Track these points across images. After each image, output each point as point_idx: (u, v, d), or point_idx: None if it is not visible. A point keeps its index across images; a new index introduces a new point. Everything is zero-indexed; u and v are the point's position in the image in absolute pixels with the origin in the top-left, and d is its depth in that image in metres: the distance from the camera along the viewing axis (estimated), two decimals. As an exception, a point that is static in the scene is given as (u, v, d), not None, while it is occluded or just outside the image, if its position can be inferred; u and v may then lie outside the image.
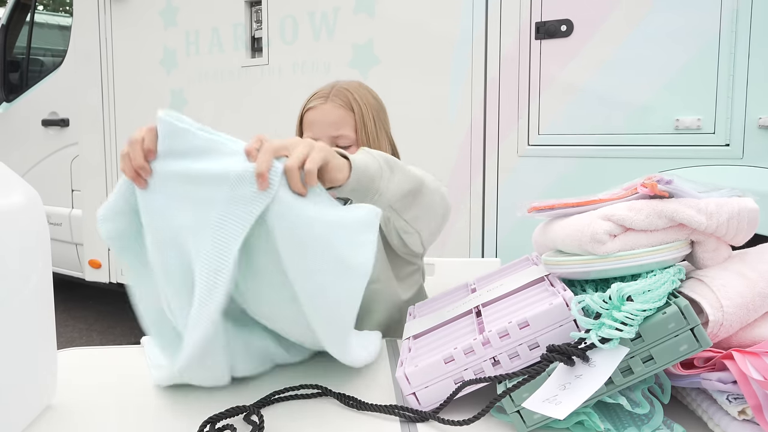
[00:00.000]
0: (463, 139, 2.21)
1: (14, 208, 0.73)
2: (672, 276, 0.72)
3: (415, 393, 0.78)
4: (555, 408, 0.65)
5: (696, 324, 0.66)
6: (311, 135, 1.23)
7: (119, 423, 0.80)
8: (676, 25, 1.85)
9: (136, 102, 3.17)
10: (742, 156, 1.81)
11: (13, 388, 0.73)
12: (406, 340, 0.92)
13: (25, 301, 0.74)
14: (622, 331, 0.66)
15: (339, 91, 1.25)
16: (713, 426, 0.70)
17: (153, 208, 0.77)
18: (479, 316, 0.87)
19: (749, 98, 1.78)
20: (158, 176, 0.76)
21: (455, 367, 0.77)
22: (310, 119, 1.24)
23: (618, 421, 0.71)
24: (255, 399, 0.83)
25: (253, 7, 2.72)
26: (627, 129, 1.95)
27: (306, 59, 2.55)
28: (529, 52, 2.06)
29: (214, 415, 0.78)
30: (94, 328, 3.70)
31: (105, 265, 3.39)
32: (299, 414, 0.82)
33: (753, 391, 0.64)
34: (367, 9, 2.36)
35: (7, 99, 3.95)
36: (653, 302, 0.67)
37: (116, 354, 1.11)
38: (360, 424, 0.78)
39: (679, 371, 0.70)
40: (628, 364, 0.67)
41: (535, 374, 0.69)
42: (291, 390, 0.87)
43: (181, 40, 2.94)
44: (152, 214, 0.77)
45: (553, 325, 0.74)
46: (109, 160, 3.31)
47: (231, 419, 0.78)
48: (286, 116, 2.66)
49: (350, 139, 1.23)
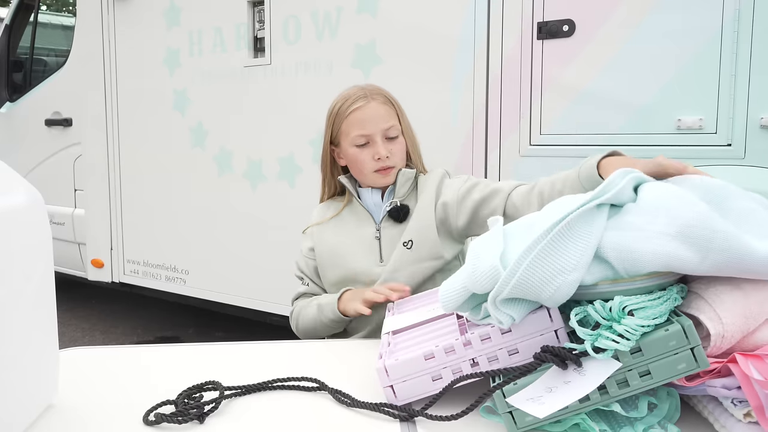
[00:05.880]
0: (465, 139, 2.21)
1: (16, 208, 0.74)
2: (675, 293, 0.72)
3: (392, 386, 0.81)
4: (537, 407, 0.66)
5: (697, 344, 0.66)
6: (363, 132, 1.32)
7: (120, 422, 0.81)
8: (678, 24, 1.84)
9: (139, 102, 3.18)
10: (743, 156, 1.80)
11: (15, 387, 0.73)
12: (386, 334, 0.95)
13: (28, 300, 0.75)
14: (619, 344, 0.66)
15: (374, 89, 1.37)
16: (719, 427, 0.70)
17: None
18: (460, 318, 0.89)
19: (751, 98, 1.78)
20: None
21: (435, 365, 0.80)
22: (361, 117, 1.33)
23: (614, 422, 0.72)
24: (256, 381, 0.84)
25: (255, 7, 2.72)
26: (629, 129, 1.95)
27: (308, 59, 2.56)
28: (531, 52, 2.06)
29: (195, 386, 0.82)
30: (97, 328, 3.71)
31: (107, 265, 3.40)
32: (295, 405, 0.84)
33: (755, 392, 0.64)
34: (370, 9, 2.37)
35: (10, 99, 3.96)
36: (653, 318, 0.67)
37: (118, 353, 1.12)
38: (359, 421, 0.80)
39: (684, 384, 0.70)
40: (625, 377, 0.68)
41: (526, 372, 0.70)
42: (293, 380, 0.90)
43: (184, 40, 2.94)
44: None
45: (533, 333, 0.77)
46: (112, 159, 3.32)
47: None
48: (288, 116, 2.68)
49: (398, 129, 1.36)
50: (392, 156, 1.33)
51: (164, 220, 3.16)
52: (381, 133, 1.32)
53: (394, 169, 1.34)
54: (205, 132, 2.94)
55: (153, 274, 3.24)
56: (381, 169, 1.33)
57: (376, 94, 1.35)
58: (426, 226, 1.31)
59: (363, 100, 1.33)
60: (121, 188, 3.32)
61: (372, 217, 1.36)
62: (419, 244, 1.31)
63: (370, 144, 1.33)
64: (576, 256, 0.70)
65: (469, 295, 0.79)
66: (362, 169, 1.34)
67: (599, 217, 0.73)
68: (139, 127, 3.21)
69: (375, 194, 1.37)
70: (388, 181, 1.35)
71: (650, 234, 0.71)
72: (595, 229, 0.72)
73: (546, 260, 0.70)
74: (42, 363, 0.80)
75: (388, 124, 1.33)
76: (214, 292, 3.01)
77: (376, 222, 1.36)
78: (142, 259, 3.28)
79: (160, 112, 3.09)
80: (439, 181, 1.36)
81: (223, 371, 0.95)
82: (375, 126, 1.32)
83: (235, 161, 2.86)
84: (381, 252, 1.33)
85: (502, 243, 0.77)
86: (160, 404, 0.83)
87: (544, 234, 0.70)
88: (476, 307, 0.81)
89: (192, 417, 0.79)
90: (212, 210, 2.97)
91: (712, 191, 0.76)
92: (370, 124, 1.32)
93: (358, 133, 1.32)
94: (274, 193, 2.74)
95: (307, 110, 2.54)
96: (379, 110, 1.33)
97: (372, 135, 1.32)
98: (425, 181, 1.38)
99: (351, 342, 1.28)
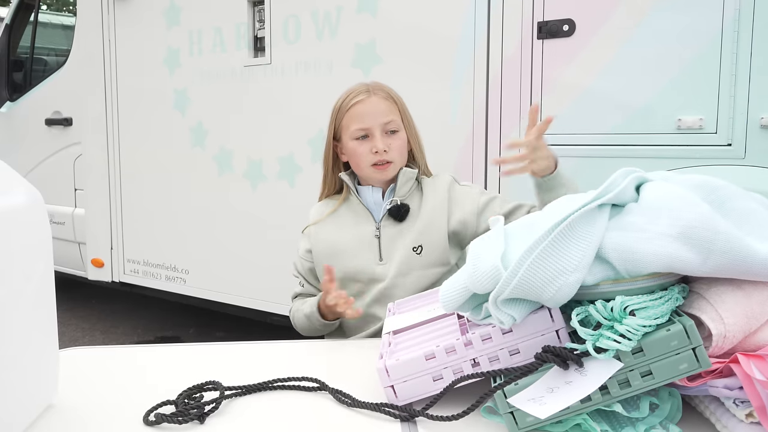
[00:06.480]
0: (465, 139, 2.21)
1: (16, 208, 0.74)
2: (676, 293, 0.72)
3: (393, 386, 0.81)
4: (538, 408, 0.66)
5: (698, 344, 0.66)
6: (362, 125, 1.33)
7: (121, 422, 0.80)
8: (678, 24, 1.84)
9: (140, 102, 3.17)
10: (744, 156, 1.80)
11: (15, 386, 0.73)
12: (386, 334, 0.95)
13: (28, 299, 0.75)
14: (620, 344, 0.66)
15: (377, 86, 1.38)
16: (721, 428, 0.70)
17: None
18: (461, 318, 0.89)
19: (751, 98, 1.78)
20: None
21: (436, 365, 0.80)
22: (360, 111, 1.34)
23: (616, 422, 0.71)
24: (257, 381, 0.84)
25: (255, 7, 2.72)
26: (629, 129, 1.94)
27: (308, 59, 2.55)
28: (531, 52, 2.05)
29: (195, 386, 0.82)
30: (97, 328, 3.71)
31: (107, 264, 3.40)
32: (296, 405, 0.83)
33: (757, 392, 0.64)
34: (370, 9, 2.36)
35: (10, 98, 3.96)
36: (655, 319, 0.67)
37: (118, 353, 1.12)
38: (360, 421, 0.80)
39: (686, 384, 0.70)
40: (627, 377, 0.68)
41: (527, 372, 0.70)
42: (293, 380, 0.90)
43: (184, 40, 2.94)
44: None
45: (534, 333, 0.77)
46: (112, 159, 3.32)
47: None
48: (288, 115, 2.68)
49: (398, 124, 1.36)
50: (390, 151, 1.33)
51: (164, 220, 3.16)
52: (380, 127, 1.33)
53: (391, 165, 1.34)
54: (205, 131, 2.94)
55: (153, 274, 3.24)
56: (378, 164, 1.33)
57: (378, 89, 1.37)
58: (437, 233, 1.32)
59: (364, 95, 1.35)
60: (122, 188, 3.32)
61: (371, 215, 1.36)
62: (429, 251, 1.32)
63: (369, 138, 1.33)
64: (577, 257, 0.70)
65: (470, 295, 0.79)
66: (359, 163, 1.34)
67: (601, 217, 0.73)
68: (139, 127, 3.21)
69: (376, 192, 1.37)
70: (384, 176, 1.35)
71: (652, 235, 0.71)
72: (596, 230, 0.72)
73: (547, 261, 0.70)
74: (42, 363, 0.80)
75: (388, 119, 1.34)
76: (214, 291, 3.01)
77: (375, 220, 1.36)
78: (143, 258, 3.28)
79: (160, 112, 3.09)
80: (449, 187, 1.37)
81: (224, 371, 0.95)
82: (374, 120, 1.33)
83: (235, 161, 2.86)
84: (381, 250, 1.33)
85: (504, 243, 0.77)
86: (160, 404, 0.83)
87: (546, 234, 0.70)
88: (477, 307, 0.80)
89: (192, 417, 0.79)
90: (212, 210, 2.97)
91: (714, 192, 0.76)
92: (369, 117, 1.33)
93: (357, 126, 1.33)
94: (274, 192, 2.73)
95: (307, 110, 2.54)
96: (379, 105, 1.34)
97: (371, 128, 1.32)
98: (432, 184, 1.38)
99: (351, 342, 1.28)
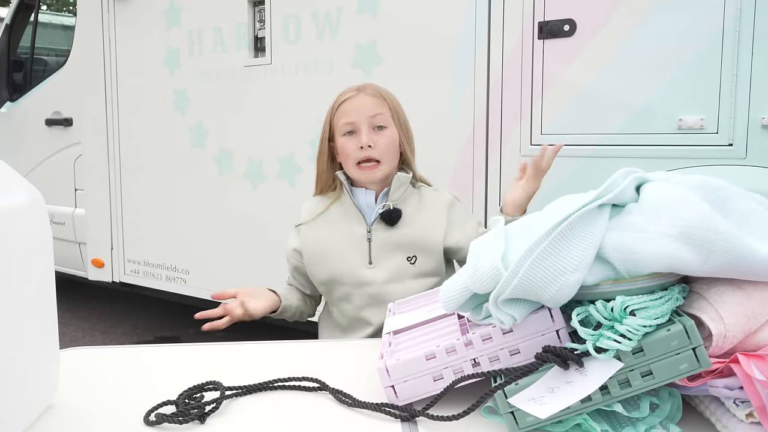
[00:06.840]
0: (466, 139, 2.21)
1: (16, 208, 0.74)
2: (677, 293, 0.72)
3: (393, 386, 0.81)
4: (539, 408, 0.66)
5: (699, 344, 0.66)
6: (349, 121, 1.33)
7: (121, 422, 0.80)
8: (679, 24, 1.84)
9: (140, 102, 3.17)
10: (745, 156, 1.80)
11: (15, 387, 0.73)
12: (387, 334, 0.95)
13: (28, 300, 0.75)
14: (621, 344, 0.66)
15: (368, 84, 1.39)
16: (721, 428, 0.70)
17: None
18: (461, 318, 0.89)
19: (752, 98, 1.78)
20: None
21: (436, 365, 0.80)
22: (347, 108, 1.35)
23: (616, 422, 0.71)
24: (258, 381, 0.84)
25: (256, 7, 2.72)
26: (630, 129, 1.94)
27: (309, 59, 2.55)
28: (532, 52, 2.05)
29: (195, 386, 0.83)
30: (97, 328, 3.71)
31: (108, 265, 3.40)
32: (296, 405, 0.83)
33: (757, 392, 0.64)
34: (370, 9, 2.36)
35: (10, 98, 3.96)
36: (655, 319, 0.67)
37: (119, 353, 1.12)
38: (360, 421, 0.80)
39: (686, 384, 0.70)
40: (627, 377, 0.68)
41: (528, 372, 0.70)
42: (293, 380, 0.90)
43: (184, 40, 2.94)
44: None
45: (535, 333, 0.77)
46: (112, 159, 3.32)
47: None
48: (288, 116, 2.68)
49: (386, 120, 1.35)
50: (376, 147, 1.32)
51: (165, 220, 3.16)
52: (367, 121, 1.33)
53: (379, 165, 1.33)
54: (206, 132, 2.94)
55: (153, 274, 3.24)
56: (363, 162, 1.32)
57: (368, 87, 1.38)
58: (433, 246, 1.33)
59: (354, 92, 1.36)
60: (122, 188, 3.32)
61: (363, 217, 1.36)
62: (423, 261, 1.33)
63: (356, 133, 1.33)
64: (578, 257, 0.70)
65: (470, 295, 0.79)
66: (347, 160, 1.35)
67: (601, 217, 0.73)
68: (139, 127, 3.21)
69: (369, 195, 1.36)
70: (370, 177, 1.34)
71: (652, 235, 0.70)
72: (596, 230, 0.72)
73: (548, 261, 0.70)
74: (42, 363, 0.80)
75: (374, 112, 1.33)
76: (214, 291, 3.00)
77: (367, 223, 1.36)
78: (143, 258, 3.28)
79: (160, 112, 3.09)
80: (449, 207, 1.37)
81: (224, 371, 0.95)
82: (360, 114, 1.33)
83: (236, 161, 2.86)
84: (370, 254, 1.33)
85: (504, 243, 0.77)
86: (160, 404, 0.83)
87: (546, 234, 0.70)
88: (477, 307, 0.80)
89: (193, 417, 0.79)
90: (212, 210, 2.97)
91: (714, 192, 0.76)
92: (355, 112, 1.34)
93: (344, 121, 1.34)
94: (275, 192, 2.74)
95: (307, 110, 2.54)
96: (366, 101, 1.34)
97: (357, 123, 1.33)
98: (431, 198, 1.38)
99: (351, 342, 1.28)
